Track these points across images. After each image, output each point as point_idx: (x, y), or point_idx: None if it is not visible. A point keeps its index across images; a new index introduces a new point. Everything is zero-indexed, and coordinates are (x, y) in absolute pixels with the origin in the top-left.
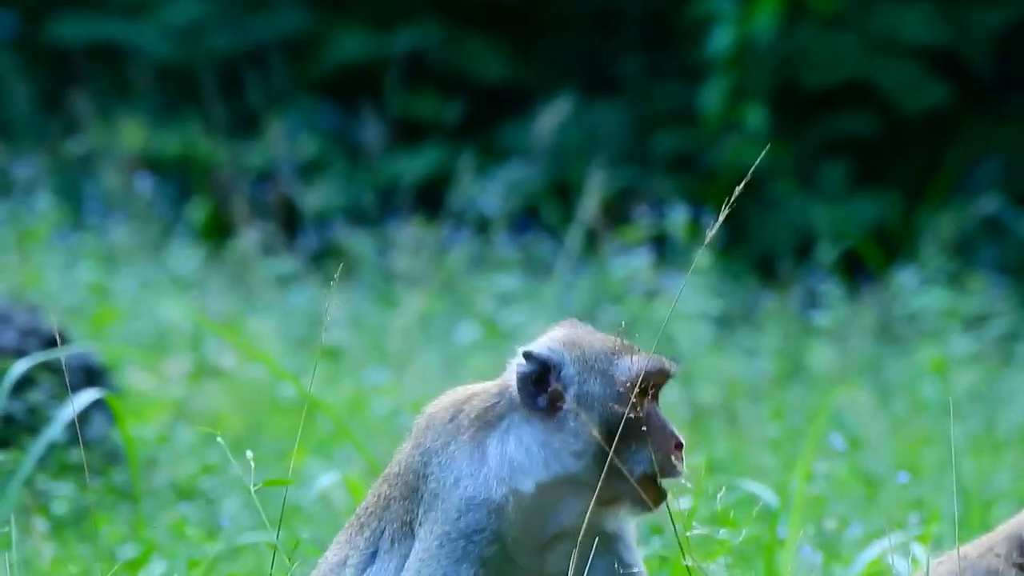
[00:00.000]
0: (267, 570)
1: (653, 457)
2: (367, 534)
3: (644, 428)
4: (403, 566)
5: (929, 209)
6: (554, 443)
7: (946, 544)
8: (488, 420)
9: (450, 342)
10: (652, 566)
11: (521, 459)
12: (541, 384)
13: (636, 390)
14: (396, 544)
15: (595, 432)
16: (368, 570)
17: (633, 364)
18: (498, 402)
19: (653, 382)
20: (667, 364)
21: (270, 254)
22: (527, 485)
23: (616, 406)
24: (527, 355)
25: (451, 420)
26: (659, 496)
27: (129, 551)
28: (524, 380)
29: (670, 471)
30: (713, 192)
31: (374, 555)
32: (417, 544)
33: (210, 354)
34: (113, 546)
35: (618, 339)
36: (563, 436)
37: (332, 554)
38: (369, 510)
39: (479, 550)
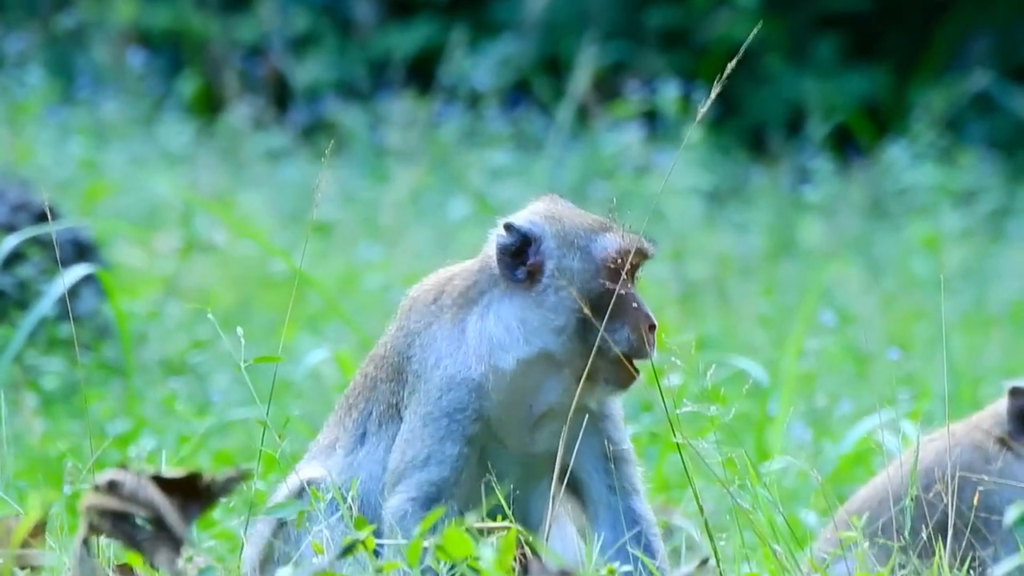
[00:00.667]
0: (256, 446)
1: (629, 336)
2: (355, 416)
3: (620, 307)
4: (391, 447)
5: (920, 84)
6: (534, 319)
7: (936, 420)
8: (469, 297)
9: (441, 217)
10: (642, 443)
11: (501, 336)
12: (520, 256)
13: (615, 268)
14: (384, 426)
15: (577, 304)
16: (357, 451)
17: (612, 242)
18: (479, 279)
19: (631, 262)
20: (646, 245)
21: (261, 129)
22: (507, 362)
23: (594, 283)
24: (507, 226)
25: (434, 301)
26: (631, 376)
27: (119, 426)
28: (504, 251)
29: (641, 352)
30: (704, 67)
31: (363, 436)
32: (403, 426)
33: (201, 230)
34: (103, 421)
35: (599, 217)
36: (543, 312)
37: (323, 437)
38: (357, 391)
39: (462, 428)
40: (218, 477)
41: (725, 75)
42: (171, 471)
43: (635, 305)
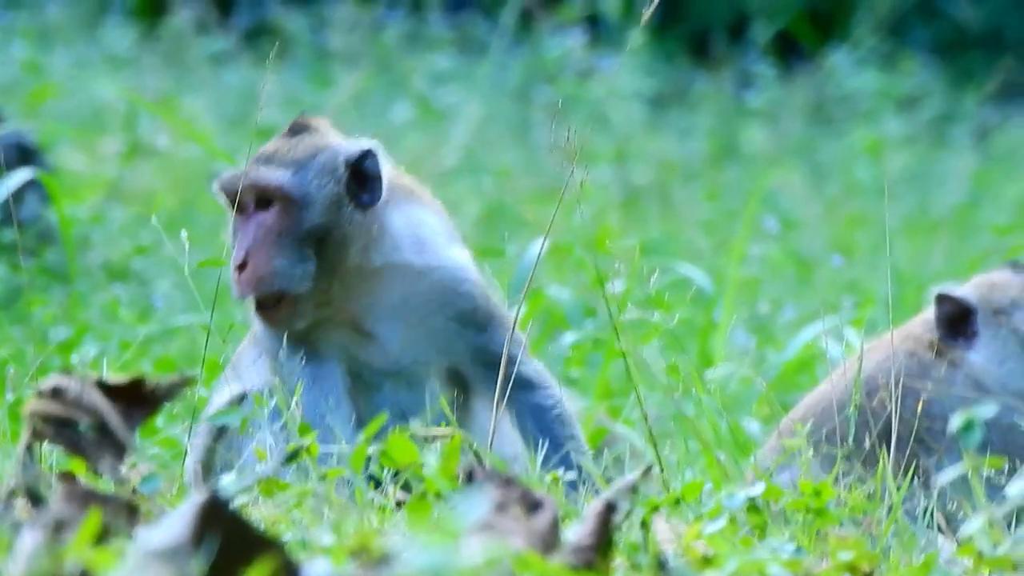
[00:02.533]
0: (200, 352)
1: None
2: None
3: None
4: None
5: None
6: None
7: (880, 327)
8: None
9: (385, 120)
10: (586, 349)
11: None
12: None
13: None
14: None
15: None
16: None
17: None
18: None
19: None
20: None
21: (204, 32)
22: None
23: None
24: None
25: None
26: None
27: (62, 332)
28: None
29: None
30: None
31: None
32: None
33: (144, 133)
34: (46, 327)
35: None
36: None
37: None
38: None
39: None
40: (161, 383)
41: None
42: (114, 377)
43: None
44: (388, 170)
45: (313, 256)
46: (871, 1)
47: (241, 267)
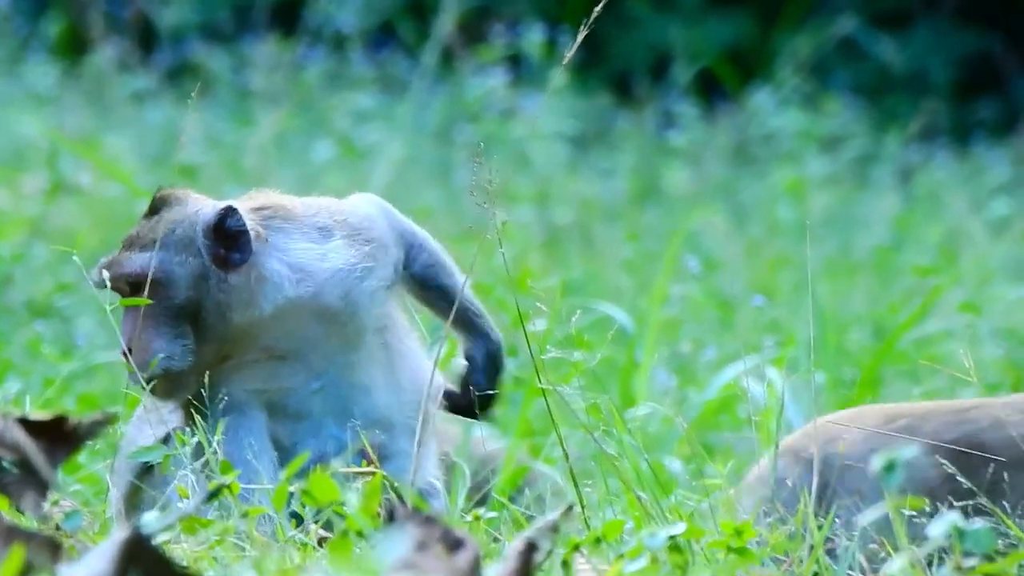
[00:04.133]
0: (121, 389)
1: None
2: None
3: None
4: None
5: (785, 29)
6: None
7: (802, 367)
8: None
9: (306, 160)
10: (507, 388)
11: None
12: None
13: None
14: None
15: None
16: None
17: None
18: None
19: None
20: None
21: (126, 71)
22: None
23: None
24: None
25: None
26: None
27: None
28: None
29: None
30: (569, 11)
31: None
32: None
33: (66, 171)
34: None
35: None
36: None
37: None
38: None
39: None
40: (84, 420)
41: (592, 19)
42: (37, 414)
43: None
44: (251, 219)
45: (190, 331)
46: (793, 41)
47: (126, 354)
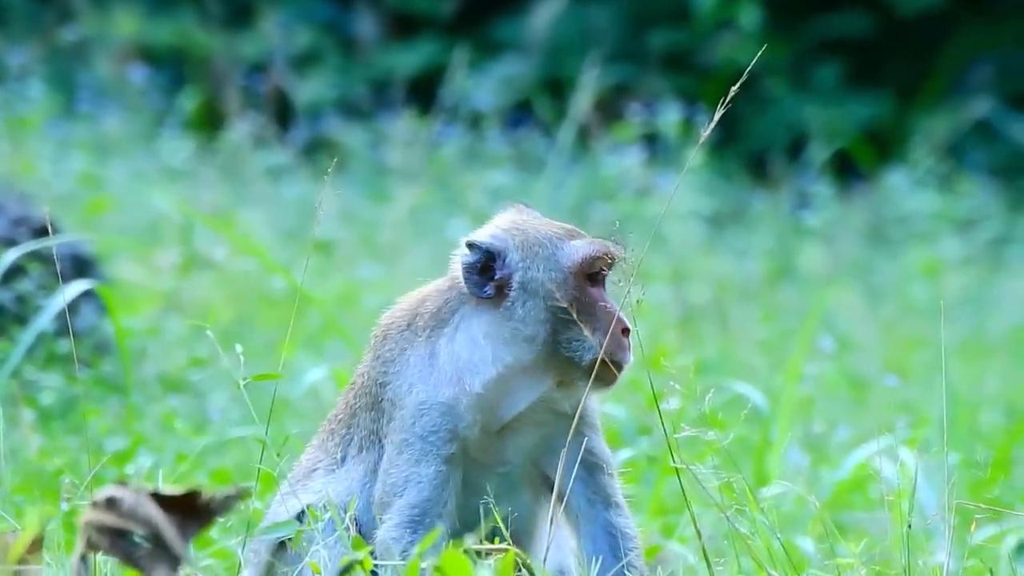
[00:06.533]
0: (255, 464)
1: (602, 341)
2: (336, 440)
3: (592, 312)
4: (368, 471)
5: (921, 110)
6: (504, 331)
7: (934, 447)
8: (441, 318)
9: (441, 236)
10: (640, 466)
11: (468, 355)
12: (487, 273)
13: (583, 274)
14: (364, 451)
15: (545, 314)
16: (336, 472)
17: (578, 248)
18: (449, 298)
19: (599, 267)
20: (612, 248)
21: (262, 146)
22: (475, 383)
23: (562, 291)
24: (470, 244)
25: (407, 327)
26: (611, 374)
27: (117, 443)
28: (469, 270)
29: (616, 355)
30: (706, 90)
31: (343, 460)
32: (383, 457)
33: (201, 246)
34: (101, 437)
35: (566, 224)
36: (513, 324)
37: (305, 458)
38: (339, 418)
39: (436, 449)
40: (216, 495)
41: (728, 98)
42: (169, 488)
43: (606, 309)
44: None
45: None
46: (929, 122)
47: (626, 331)
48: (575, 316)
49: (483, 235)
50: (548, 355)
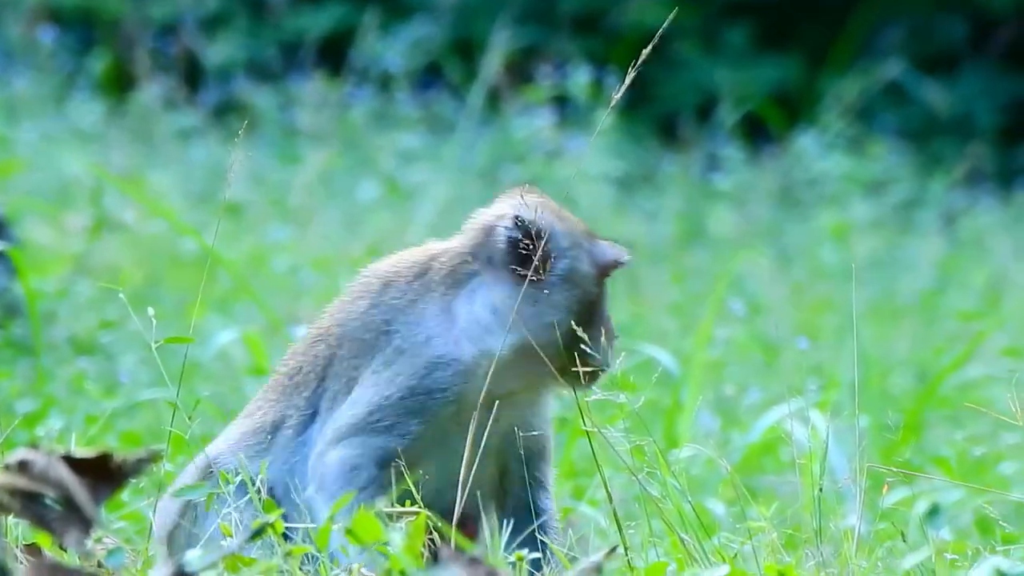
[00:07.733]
0: (165, 427)
1: (607, 348)
2: (307, 394)
3: (601, 315)
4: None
5: (832, 73)
6: (525, 310)
7: (844, 410)
8: (457, 279)
9: (352, 199)
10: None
11: (488, 320)
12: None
13: (606, 275)
14: (339, 401)
15: (578, 305)
16: (310, 428)
17: (609, 249)
18: (467, 260)
19: (612, 271)
20: (627, 256)
21: (172, 108)
22: (496, 346)
23: (591, 287)
24: (519, 220)
25: (417, 278)
26: (592, 380)
27: (27, 405)
28: (513, 244)
29: (605, 362)
30: (616, 53)
31: (313, 416)
32: (368, 389)
33: (111, 208)
34: (11, 400)
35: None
36: (539, 307)
37: (264, 413)
38: (305, 371)
39: (434, 408)
40: (128, 458)
41: (640, 61)
42: (81, 451)
43: (608, 314)
44: None
45: None
46: (840, 85)
47: (612, 340)
48: (598, 317)
49: (530, 213)
50: (557, 344)
